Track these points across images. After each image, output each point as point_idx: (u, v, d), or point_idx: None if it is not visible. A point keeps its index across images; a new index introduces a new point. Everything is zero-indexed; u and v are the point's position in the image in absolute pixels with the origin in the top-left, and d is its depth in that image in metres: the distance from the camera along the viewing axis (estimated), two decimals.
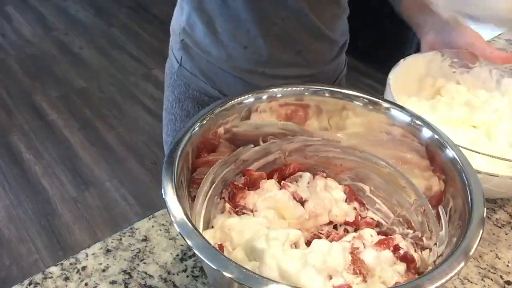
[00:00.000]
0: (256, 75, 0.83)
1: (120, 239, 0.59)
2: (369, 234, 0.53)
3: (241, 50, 0.80)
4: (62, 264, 0.56)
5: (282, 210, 0.54)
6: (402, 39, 2.51)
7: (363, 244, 0.51)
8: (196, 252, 0.38)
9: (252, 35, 0.77)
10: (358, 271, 0.45)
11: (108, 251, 0.57)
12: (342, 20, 0.85)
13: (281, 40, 0.78)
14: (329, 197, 0.56)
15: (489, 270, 0.57)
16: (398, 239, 0.51)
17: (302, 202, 0.55)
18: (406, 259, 0.48)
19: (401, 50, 2.56)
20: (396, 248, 0.49)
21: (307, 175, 0.57)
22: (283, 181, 0.57)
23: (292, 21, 0.76)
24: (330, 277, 0.44)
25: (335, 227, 0.57)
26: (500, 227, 0.63)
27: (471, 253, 0.39)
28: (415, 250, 0.51)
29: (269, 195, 0.54)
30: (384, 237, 0.53)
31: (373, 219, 0.58)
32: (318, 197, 0.55)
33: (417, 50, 0.83)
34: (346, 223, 0.56)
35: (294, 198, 0.54)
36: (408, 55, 0.77)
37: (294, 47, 0.80)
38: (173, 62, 0.91)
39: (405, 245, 0.50)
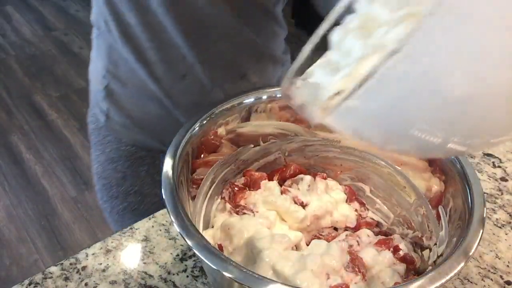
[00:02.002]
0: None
1: (120, 239, 0.59)
2: (366, 234, 0.53)
3: (179, 81, 0.69)
4: (62, 264, 0.56)
5: (283, 215, 0.54)
6: None
7: (357, 242, 0.51)
8: (196, 252, 0.38)
9: (189, 61, 0.67)
10: (357, 270, 0.45)
11: (108, 251, 0.57)
12: (281, 39, 0.77)
13: (221, 63, 0.69)
14: (330, 200, 0.56)
15: (489, 270, 0.57)
16: (398, 240, 0.51)
17: (303, 206, 0.54)
18: (405, 260, 0.48)
19: None
20: (396, 249, 0.49)
21: (307, 178, 0.57)
22: (283, 186, 0.56)
23: (228, 41, 0.67)
24: (328, 277, 0.44)
25: (335, 228, 0.57)
26: (500, 227, 0.63)
27: (471, 253, 0.39)
28: (414, 250, 0.51)
29: (270, 199, 0.53)
30: (384, 237, 0.53)
31: (373, 219, 0.58)
32: (319, 200, 0.55)
33: None
34: (347, 227, 0.56)
35: (295, 202, 0.54)
36: None
37: (237, 70, 0.71)
38: (98, 116, 0.78)
39: (405, 247, 0.50)
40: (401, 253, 0.49)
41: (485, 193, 0.66)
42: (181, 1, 0.62)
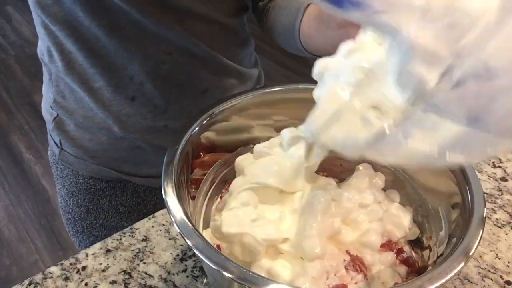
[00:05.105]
0: (158, 133, 0.68)
1: (120, 239, 0.59)
2: None
3: (128, 105, 0.65)
4: (62, 264, 0.56)
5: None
6: None
7: None
8: (196, 252, 0.38)
9: (137, 81, 0.63)
10: (358, 269, 0.45)
11: (108, 251, 0.57)
12: (248, 50, 0.73)
13: (177, 80, 0.65)
14: None
15: (489, 270, 0.57)
16: (402, 243, 0.50)
17: None
18: (408, 263, 0.48)
19: None
20: (399, 251, 0.49)
21: None
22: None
23: (184, 55, 0.63)
24: (328, 276, 0.44)
25: None
26: (500, 227, 0.63)
27: (471, 253, 0.38)
28: (414, 250, 0.51)
29: None
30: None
31: None
32: None
33: None
34: None
35: None
36: None
37: (196, 86, 0.67)
38: (54, 148, 0.75)
39: (408, 249, 0.49)
40: (404, 255, 0.49)
41: (485, 193, 0.66)
42: (121, 22, 0.59)
